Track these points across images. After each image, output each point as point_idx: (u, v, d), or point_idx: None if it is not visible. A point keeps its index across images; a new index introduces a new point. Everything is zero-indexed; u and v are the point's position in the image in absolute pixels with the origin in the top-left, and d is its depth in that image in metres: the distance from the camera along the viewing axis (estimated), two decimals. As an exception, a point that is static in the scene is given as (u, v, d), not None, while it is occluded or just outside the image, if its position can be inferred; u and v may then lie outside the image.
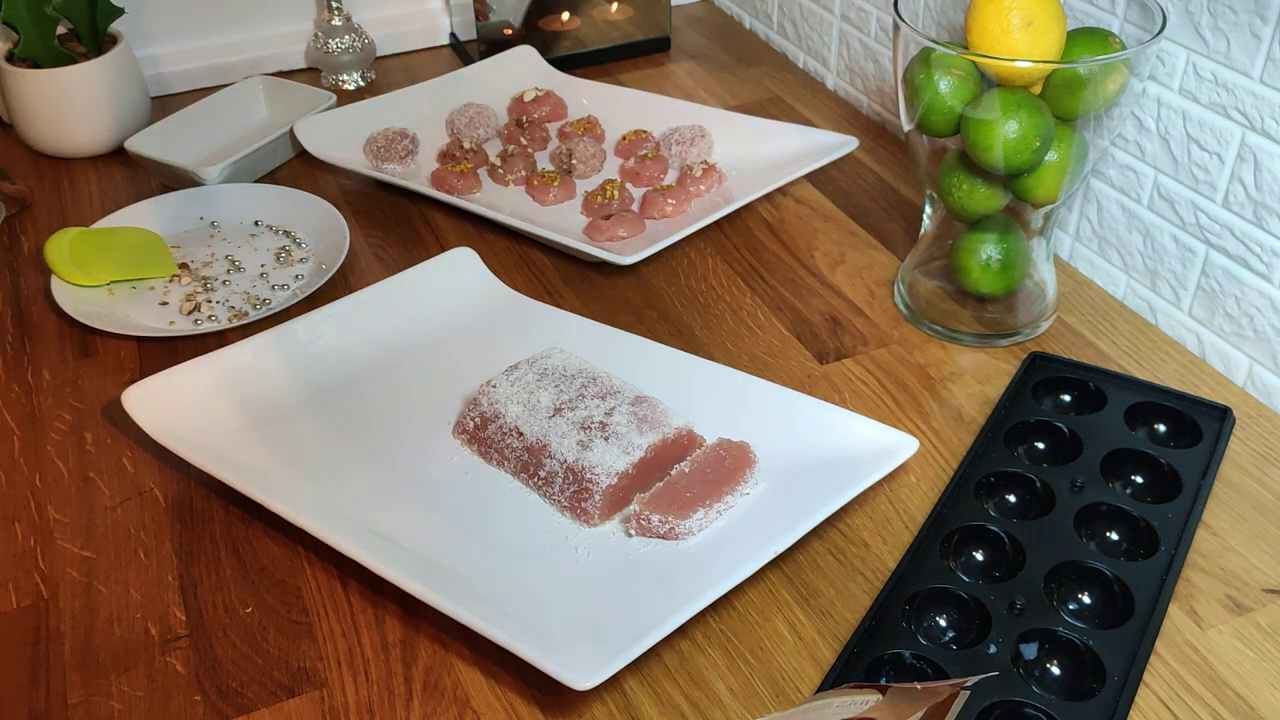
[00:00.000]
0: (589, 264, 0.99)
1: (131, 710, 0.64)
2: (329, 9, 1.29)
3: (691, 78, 1.32)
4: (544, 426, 0.75)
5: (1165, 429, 0.80)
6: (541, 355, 0.81)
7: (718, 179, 1.07)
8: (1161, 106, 0.87)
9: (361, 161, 1.11)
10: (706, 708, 0.64)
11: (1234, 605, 0.69)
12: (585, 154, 1.09)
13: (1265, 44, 0.78)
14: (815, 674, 0.65)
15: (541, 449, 0.74)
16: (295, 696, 0.65)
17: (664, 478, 0.74)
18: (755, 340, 0.91)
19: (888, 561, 0.72)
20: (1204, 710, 0.63)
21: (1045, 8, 0.78)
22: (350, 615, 0.69)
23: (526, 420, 0.76)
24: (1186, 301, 0.90)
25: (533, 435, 0.75)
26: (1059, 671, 0.64)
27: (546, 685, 0.62)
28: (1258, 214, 0.82)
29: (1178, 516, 0.72)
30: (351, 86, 1.30)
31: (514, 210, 1.04)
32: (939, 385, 0.86)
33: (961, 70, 0.79)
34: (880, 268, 0.99)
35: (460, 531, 0.73)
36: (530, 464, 0.75)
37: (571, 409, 0.76)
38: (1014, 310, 0.91)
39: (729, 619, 0.69)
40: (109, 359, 0.90)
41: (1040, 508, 0.74)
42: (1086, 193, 0.96)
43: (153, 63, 1.28)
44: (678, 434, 0.75)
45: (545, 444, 0.74)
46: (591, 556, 0.71)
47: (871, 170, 1.13)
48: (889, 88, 1.21)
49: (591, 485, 0.72)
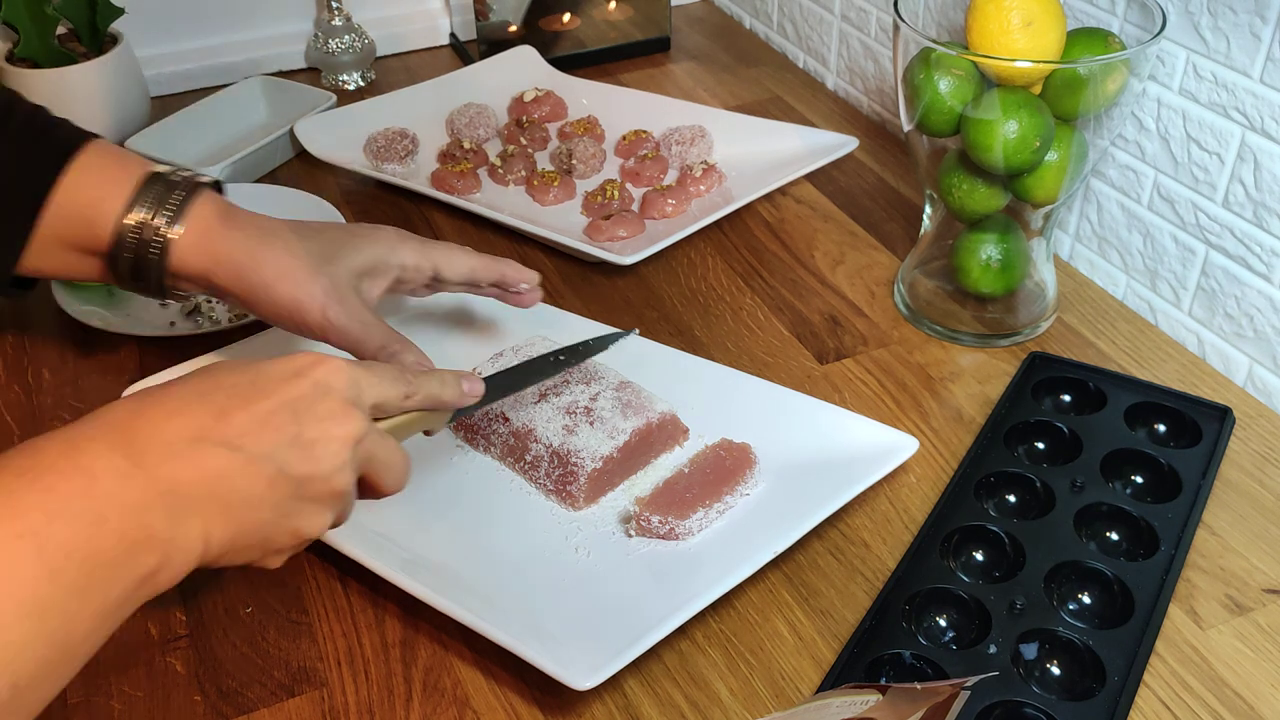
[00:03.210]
0: (589, 264, 0.99)
1: (131, 710, 0.64)
2: (329, 9, 1.29)
3: (691, 78, 1.32)
4: (529, 412, 0.76)
5: (1165, 429, 0.80)
6: (526, 343, 0.82)
7: (718, 179, 1.07)
8: (1161, 106, 0.87)
9: (361, 161, 1.11)
10: (706, 708, 0.64)
11: (1234, 605, 0.69)
12: (585, 154, 1.09)
13: (1265, 44, 0.78)
14: (815, 674, 0.65)
15: (527, 434, 0.75)
16: (295, 696, 0.65)
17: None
18: (755, 340, 0.91)
19: (888, 561, 0.72)
20: (1204, 710, 0.63)
21: (1045, 8, 0.78)
22: (350, 615, 0.69)
23: (512, 405, 0.76)
24: (1186, 301, 0.90)
25: (519, 420, 0.76)
26: (1059, 671, 0.64)
27: (546, 685, 0.62)
28: (1258, 214, 0.82)
29: (1178, 516, 0.72)
30: (351, 86, 1.30)
31: (514, 210, 1.04)
32: (939, 385, 0.86)
33: (961, 70, 0.79)
34: (880, 268, 0.99)
35: (460, 532, 0.73)
36: (517, 448, 0.76)
37: (557, 394, 0.77)
38: (1014, 310, 0.91)
39: (729, 619, 0.69)
40: (109, 359, 0.90)
41: (1040, 508, 0.74)
42: (1086, 193, 0.96)
43: (153, 63, 1.28)
44: (661, 418, 0.76)
45: (531, 429, 0.75)
46: (591, 556, 0.71)
47: (871, 170, 1.13)
48: (889, 88, 1.21)
49: (577, 469, 0.72)
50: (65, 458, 0.44)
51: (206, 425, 0.48)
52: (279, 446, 0.50)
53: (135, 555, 0.45)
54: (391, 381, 0.57)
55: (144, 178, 0.65)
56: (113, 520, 0.43)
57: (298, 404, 0.51)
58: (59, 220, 0.65)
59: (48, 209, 0.65)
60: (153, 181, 0.66)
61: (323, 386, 0.52)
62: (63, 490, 0.43)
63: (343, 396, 0.53)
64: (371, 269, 0.70)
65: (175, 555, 0.46)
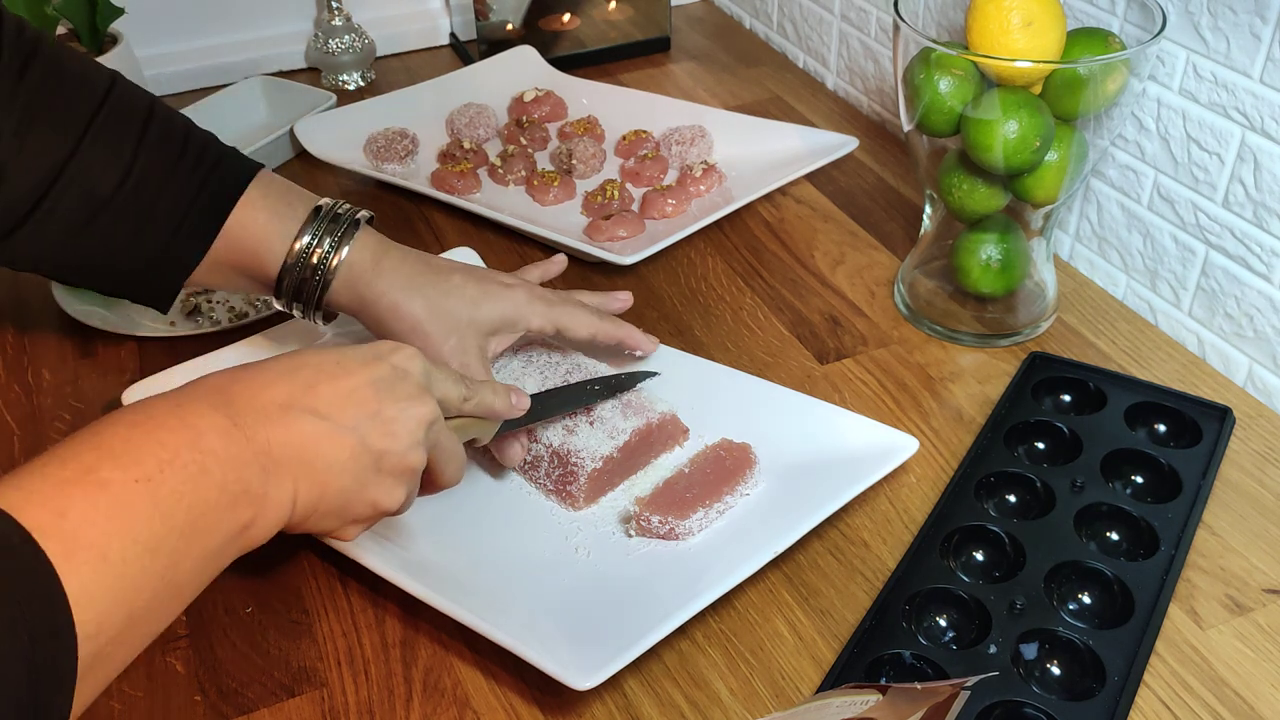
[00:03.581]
0: (589, 264, 0.99)
1: (131, 710, 0.64)
2: (329, 9, 1.29)
3: (691, 78, 1.32)
4: None
5: (1165, 429, 0.80)
6: (524, 343, 0.81)
7: (718, 179, 1.07)
8: (1161, 106, 0.87)
9: (361, 161, 1.11)
10: (706, 708, 0.64)
11: (1234, 605, 0.69)
12: (585, 154, 1.09)
13: (1265, 44, 0.78)
14: (815, 674, 0.65)
15: (528, 434, 0.75)
16: (295, 696, 0.65)
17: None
18: (755, 340, 0.91)
19: (888, 561, 0.72)
20: (1204, 710, 0.63)
21: (1045, 8, 0.78)
22: (350, 615, 0.69)
23: None
24: (1186, 301, 0.90)
25: None
26: (1059, 671, 0.64)
27: (546, 685, 0.62)
28: (1258, 214, 0.82)
29: (1178, 516, 0.72)
30: (351, 86, 1.30)
31: (514, 210, 1.04)
32: (939, 385, 0.86)
33: (961, 70, 0.79)
34: (880, 268, 0.99)
35: (460, 532, 0.73)
36: None
37: None
38: (1014, 310, 0.91)
39: (729, 619, 0.69)
40: (109, 359, 0.90)
41: (1040, 508, 0.74)
42: (1086, 193, 0.96)
43: (153, 63, 1.28)
44: (662, 419, 0.76)
45: (531, 429, 0.75)
46: (591, 556, 0.71)
47: (871, 170, 1.13)
48: (889, 88, 1.21)
49: (577, 469, 0.72)
50: (173, 415, 0.48)
51: (296, 395, 0.53)
52: (361, 419, 0.54)
53: (234, 507, 0.49)
54: (454, 382, 0.63)
55: (311, 210, 0.73)
56: (215, 473, 0.48)
57: (379, 384, 0.56)
58: (230, 244, 0.72)
59: (221, 235, 0.72)
60: (319, 214, 0.73)
61: (401, 370, 0.58)
62: (172, 443, 0.47)
63: (418, 382, 0.58)
64: (500, 328, 0.75)
65: (267, 511, 0.51)
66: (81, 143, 0.68)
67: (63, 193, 0.68)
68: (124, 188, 0.69)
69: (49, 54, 0.69)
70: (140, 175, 0.70)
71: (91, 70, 0.71)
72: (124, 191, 0.69)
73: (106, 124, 0.69)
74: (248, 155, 0.76)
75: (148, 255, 0.71)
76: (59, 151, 0.68)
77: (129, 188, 0.69)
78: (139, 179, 0.70)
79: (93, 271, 0.72)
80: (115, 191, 0.69)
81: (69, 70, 0.69)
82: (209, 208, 0.72)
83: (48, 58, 0.69)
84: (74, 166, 0.68)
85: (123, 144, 0.69)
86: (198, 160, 0.72)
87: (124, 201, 0.69)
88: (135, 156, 0.70)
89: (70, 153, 0.68)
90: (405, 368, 0.58)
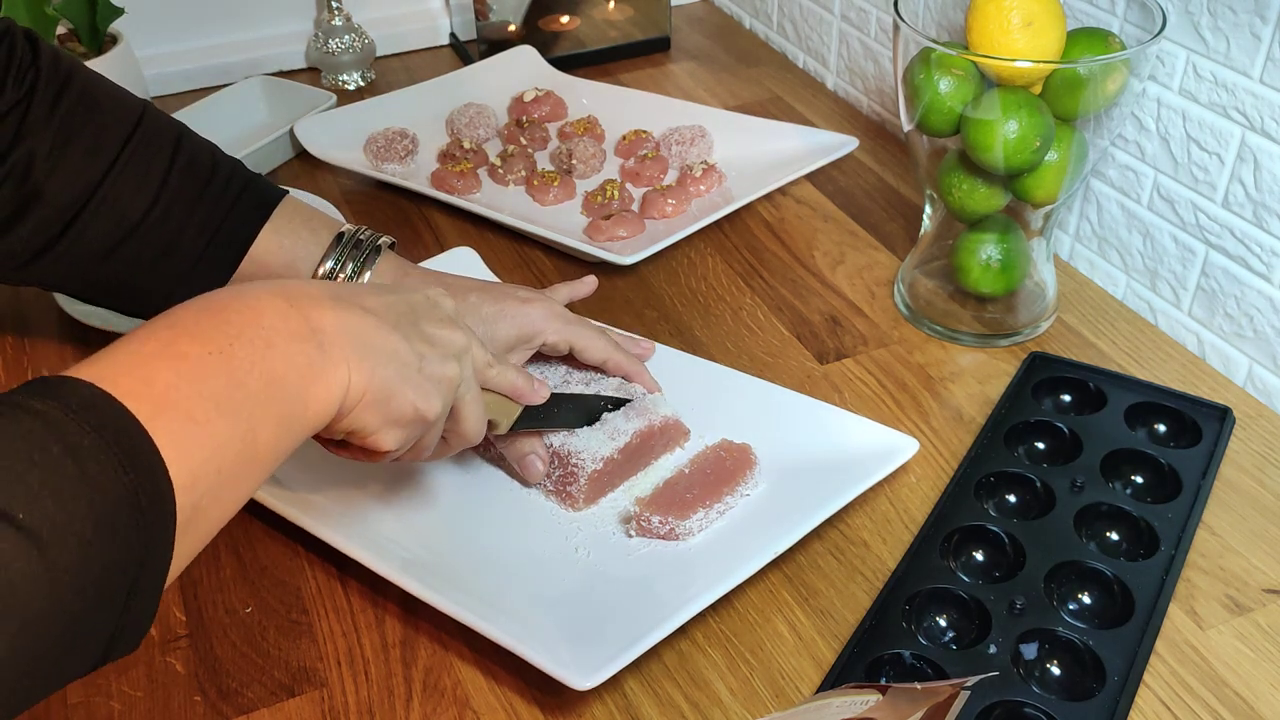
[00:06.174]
0: (589, 264, 0.99)
1: (131, 710, 0.64)
2: (329, 9, 1.29)
3: (691, 78, 1.32)
4: None
5: (1165, 429, 0.80)
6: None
7: (718, 179, 1.07)
8: (1161, 106, 0.87)
9: (361, 161, 1.11)
10: (706, 708, 0.64)
11: (1234, 605, 0.69)
12: (585, 154, 1.09)
13: (1265, 44, 0.78)
14: (815, 674, 0.65)
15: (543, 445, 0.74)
16: (295, 696, 0.65)
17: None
18: (755, 340, 0.91)
19: (888, 561, 0.72)
20: (1204, 710, 0.63)
21: (1045, 8, 0.78)
22: (350, 615, 0.69)
23: None
24: (1186, 301, 0.90)
25: None
26: (1059, 671, 0.64)
27: (546, 685, 0.62)
28: (1258, 214, 0.82)
29: (1178, 516, 0.72)
30: (351, 86, 1.30)
31: (514, 210, 1.04)
32: (939, 385, 0.86)
33: (961, 70, 0.79)
34: (880, 268, 0.99)
35: (461, 532, 0.73)
36: None
37: None
38: (1014, 310, 0.91)
39: (729, 619, 0.69)
40: (109, 359, 0.89)
41: (1040, 508, 0.74)
42: (1086, 193, 0.96)
43: (153, 63, 1.28)
44: (664, 422, 0.76)
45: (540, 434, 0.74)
46: (591, 556, 0.71)
47: (871, 170, 1.13)
48: (889, 88, 1.21)
49: (577, 470, 0.72)
50: (236, 299, 0.51)
51: (344, 295, 0.56)
52: (402, 322, 0.57)
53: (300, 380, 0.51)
54: (480, 342, 0.64)
55: (335, 236, 0.76)
56: (279, 346, 0.50)
57: (416, 307, 0.59)
58: (255, 270, 0.75)
59: (246, 260, 0.74)
60: (341, 240, 0.75)
61: (433, 301, 0.61)
62: (238, 321, 0.50)
63: (450, 315, 0.61)
64: (516, 344, 0.76)
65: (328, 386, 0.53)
66: (113, 168, 0.70)
67: (94, 215, 0.70)
68: (152, 213, 0.71)
69: (83, 82, 0.71)
70: (168, 201, 0.72)
71: (124, 98, 0.73)
72: (152, 216, 0.71)
73: (138, 150, 0.71)
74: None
75: (173, 279, 0.73)
76: (92, 175, 0.69)
77: (157, 213, 0.71)
78: (167, 205, 0.72)
79: (118, 293, 0.74)
80: (144, 216, 0.71)
81: (102, 98, 0.72)
82: (234, 234, 0.74)
83: (82, 85, 0.71)
84: (105, 190, 0.70)
85: (152, 170, 0.71)
86: (224, 187, 0.74)
87: (152, 226, 0.71)
88: (164, 183, 0.72)
89: (102, 177, 0.70)
90: (438, 301, 0.62)
